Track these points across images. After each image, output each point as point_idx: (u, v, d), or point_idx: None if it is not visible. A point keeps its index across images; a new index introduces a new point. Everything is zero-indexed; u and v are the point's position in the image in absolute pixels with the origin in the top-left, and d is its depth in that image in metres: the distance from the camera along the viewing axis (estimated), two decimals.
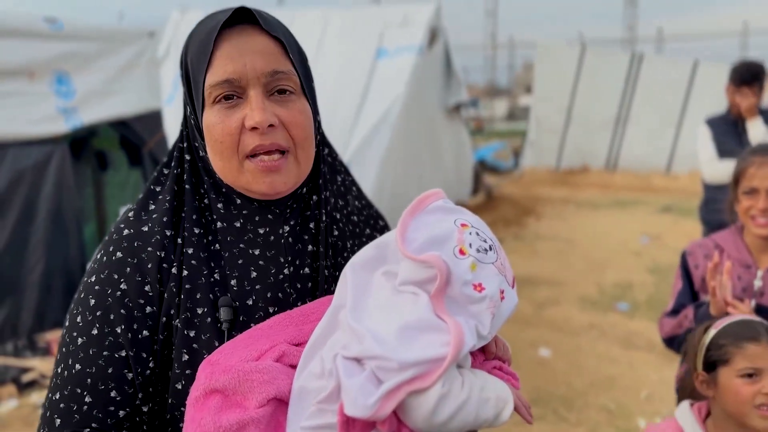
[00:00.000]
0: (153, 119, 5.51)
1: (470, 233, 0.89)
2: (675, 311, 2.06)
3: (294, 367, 0.88)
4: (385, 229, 1.23)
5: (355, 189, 1.20)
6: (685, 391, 1.77)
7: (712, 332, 1.63)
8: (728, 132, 4.08)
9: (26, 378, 4.13)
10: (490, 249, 0.90)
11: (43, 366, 4.26)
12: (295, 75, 0.99)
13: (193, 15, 9.61)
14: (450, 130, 9.75)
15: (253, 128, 0.94)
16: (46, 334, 4.55)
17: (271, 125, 0.95)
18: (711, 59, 12.94)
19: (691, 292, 2.04)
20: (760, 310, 1.82)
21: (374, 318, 0.85)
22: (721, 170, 4.04)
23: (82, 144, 5.32)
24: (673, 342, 2.05)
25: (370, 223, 1.20)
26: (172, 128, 6.21)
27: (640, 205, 10.58)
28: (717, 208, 4.17)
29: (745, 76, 3.93)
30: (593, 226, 9.02)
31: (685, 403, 1.72)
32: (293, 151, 0.99)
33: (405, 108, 7.74)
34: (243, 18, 0.97)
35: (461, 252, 0.86)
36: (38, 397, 3.98)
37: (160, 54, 6.36)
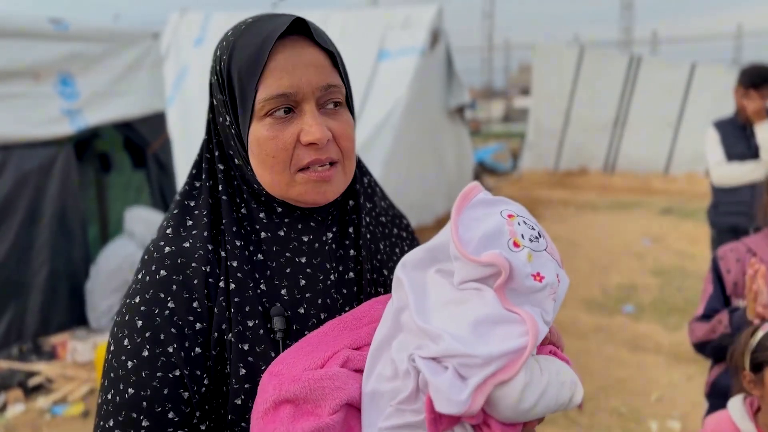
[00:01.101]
0: (157, 121, 5.48)
1: (519, 223, 0.90)
2: (706, 316, 2.04)
3: (359, 371, 0.88)
4: (408, 227, 1.23)
5: (379, 190, 1.20)
6: (736, 387, 1.79)
7: (759, 334, 1.67)
8: (736, 135, 4.08)
9: (32, 382, 4.09)
10: (540, 236, 0.91)
11: (48, 370, 4.22)
12: (344, 87, 0.99)
13: (192, 16, 9.59)
14: (451, 131, 9.75)
15: (310, 143, 0.94)
16: (51, 337, 4.52)
17: (327, 140, 0.95)
18: (706, 61, 12.99)
19: (722, 296, 2.03)
20: None
21: (442, 316, 0.85)
22: (730, 173, 4.05)
23: (84, 146, 5.29)
24: (705, 347, 2.04)
25: (396, 223, 1.20)
26: (174, 130, 6.17)
27: (639, 207, 10.61)
28: (726, 211, 4.20)
29: (755, 79, 3.94)
30: (594, 228, 9.03)
31: (739, 397, 1.76)
32: (341, 162, 0.99)
33: (407, 109, 7.73)
34: (291, 29, 0.95)
35: (515, 244, 0.87)
36: (44, 401, 3.94)
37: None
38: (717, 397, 2.01)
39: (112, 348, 0.95)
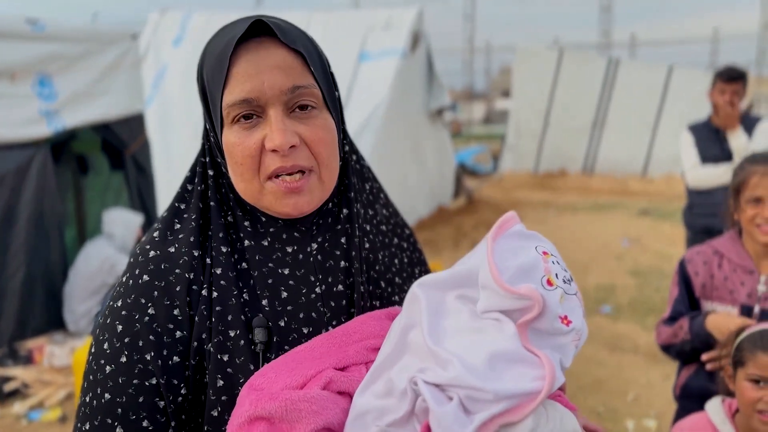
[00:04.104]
0: (135, 122, 5.43)
1: (553, 262, 0.87)
2: (672, 318, 2.08)
3: (341, 393, 0.85)
4: (411, 237, 1.19)
5: (382, 196, 1.16)
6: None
7: (743, 334, 1.73)
8: (711, 138, 4.15)
9: (8, 387, 4.02)
10: (571, 280, 0.88)
11: (25, 375, 4.16)
12: (317, 88, 0.94)
13: (172, 15, 9.51)
14: (433, 133, 9.78)
15: (274, 150, 0.90)
16: (28, 341, 4.45)
17: (292, 146, 0.90)
18: (682, 64, 13.18)
19: (688, 299, 2.07)
20: (765, 314, 1.86)
21: (456, 342, 0.82)
22: (704, 176, 4.12)
23: (61, 147, 5.22)
24: (669, 350, 2.10)
25: (398, 233, 1.16)
26: (152, 131, 6.12)
27: (618, 208, 10.73)
28: (700, 213, 4.27)
29: (732, 73, 4.02)
30: (574, 229, 9.11)
31: (717, 399, 1.81)
32: (316, 169, 0.94)
33: (388, 111, 7.74)
34: (260, 30, 0.92)
35: (549, 283, 0.84)
36: (20, 407, 3.89)
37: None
38: (687, 400, 2.05)
39: (93, 350, 0.94)
